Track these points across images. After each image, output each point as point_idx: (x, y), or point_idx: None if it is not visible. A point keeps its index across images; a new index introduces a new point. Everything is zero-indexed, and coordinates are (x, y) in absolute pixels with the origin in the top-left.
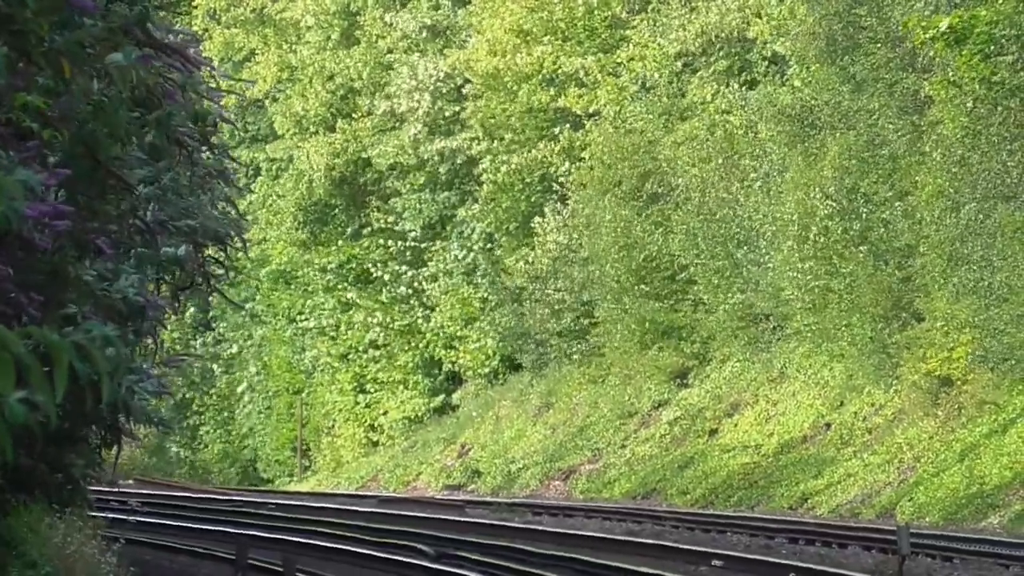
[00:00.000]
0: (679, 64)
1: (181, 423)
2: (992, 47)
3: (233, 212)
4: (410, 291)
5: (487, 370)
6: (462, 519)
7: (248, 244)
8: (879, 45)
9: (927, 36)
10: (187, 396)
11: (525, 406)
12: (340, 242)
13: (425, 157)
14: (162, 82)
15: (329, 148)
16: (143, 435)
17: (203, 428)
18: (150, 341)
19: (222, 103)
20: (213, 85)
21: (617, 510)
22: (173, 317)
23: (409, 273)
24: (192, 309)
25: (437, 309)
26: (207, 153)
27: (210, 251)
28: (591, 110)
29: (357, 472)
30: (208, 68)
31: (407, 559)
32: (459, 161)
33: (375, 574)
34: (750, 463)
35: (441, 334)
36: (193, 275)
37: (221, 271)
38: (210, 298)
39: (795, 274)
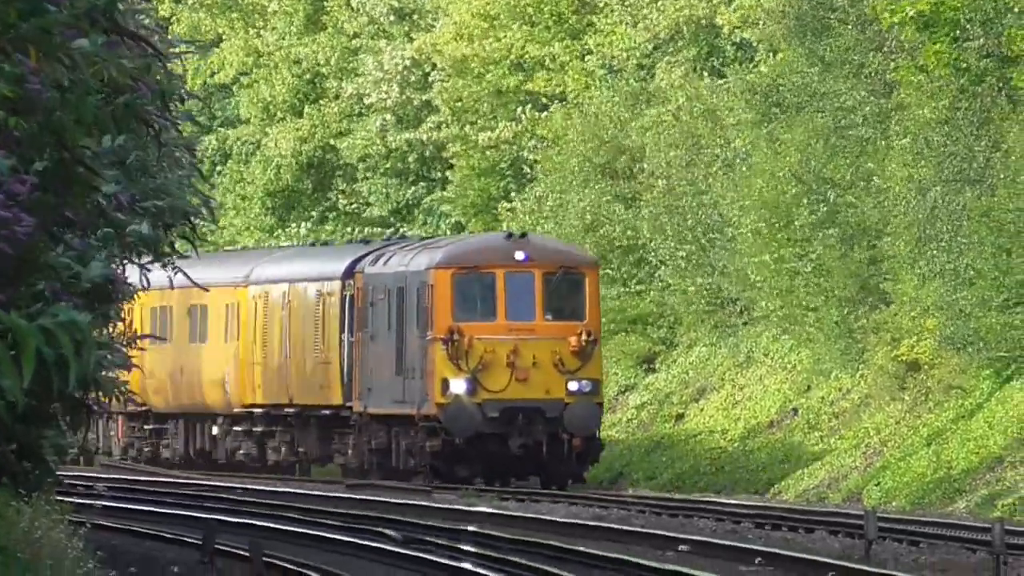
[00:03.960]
0: (649, 47)
1: None
2: (959, 32)
3: (199, 183)
4: None
5: None
6: (429, 504)
7: (217, 226)
8: (848, 26)
9: (895, 20)
10: None
11: None
12: (306, 226)
13: (393, 147)
14: (129, 69)
15: (296, 134)
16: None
17: None
18: (119, 324)
19: (186, 86)
20: (179, 69)
21: (584, 495)
22: (140, 295)
23: None
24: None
25: None
26: (175, 129)
27: (177, 231)
28: (558, 92)
29: None
30: (175, 44)
31: (374, 543)
32: (428, 152)
33: (342, 559)
34: (717, 448)
35: None
36: (159, 253)
37: (189, 249)
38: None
39: (762, 258)
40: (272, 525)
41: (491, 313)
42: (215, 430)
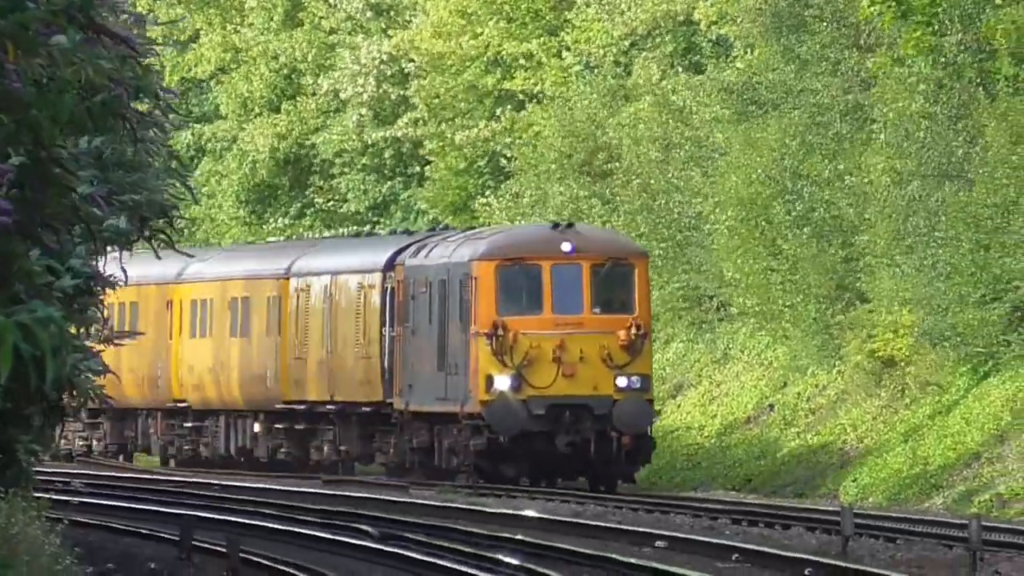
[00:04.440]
0: (626, 43)
1: None
2: (936, 26)
3: (177, 168)
4: None
5: None
6: (406, 500)
7: (193, 218)
8: (824, 23)
9: (872, 9)
10: None
11: None
12: (283, 222)
13: (370, 142)
14: (107, 70)
15: (274, 130)
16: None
17: None
18: (96, 319)
19: (163, 81)
20: (156, 64)
21: (561, 491)
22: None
23: None
24: None
25: None
26: (153, 125)
27: (155, 224)
28: (536, 91)
29: None
30: (151, 48)
31: (351, 540)
32: (405, 148)
33: (319, 555)
34: (694, 444)
35: None
36: (136, 241)
37: (165, 240)
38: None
39: (738, 255)
40: (249, 521)
41: (537, 306)
42: (256, 427)
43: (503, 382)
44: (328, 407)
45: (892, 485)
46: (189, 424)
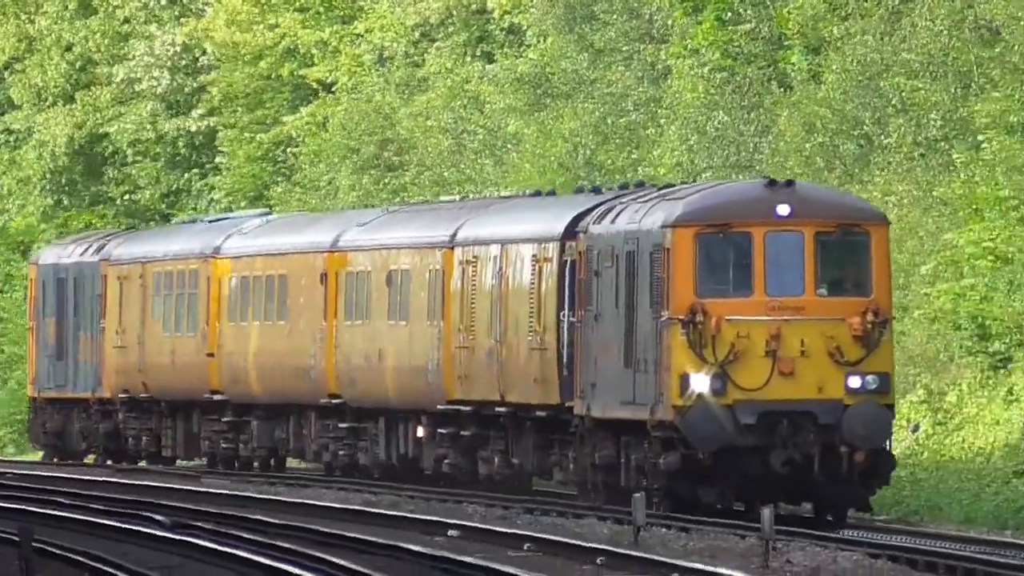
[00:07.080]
0: (416, 34)
1: None
2: (729, 14)
3: None
4: None
5: None
6: (198, 489)
7: None
8: (615, 15)
9: (664, 2)
10: None
11: None
12: (77, 211)
13: (163, 132)
14: None
15: (70, 120)
16: None
17: None
18: None
19: None
20: None
21: (355, 481)
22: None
23: None
24: None
25: None
26: None
27: None
28: (330, 80)
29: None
30: None
31: (142, 528)
32: (199, 140)
33: (112, 544)
34: None
35: None
36: None
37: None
38: None
39: None
40: (42, 510)
41: (746, 285)
42: (420, 431)
43: (702, 382)
44: (499, 409)
45: None
46: (345, 426)
